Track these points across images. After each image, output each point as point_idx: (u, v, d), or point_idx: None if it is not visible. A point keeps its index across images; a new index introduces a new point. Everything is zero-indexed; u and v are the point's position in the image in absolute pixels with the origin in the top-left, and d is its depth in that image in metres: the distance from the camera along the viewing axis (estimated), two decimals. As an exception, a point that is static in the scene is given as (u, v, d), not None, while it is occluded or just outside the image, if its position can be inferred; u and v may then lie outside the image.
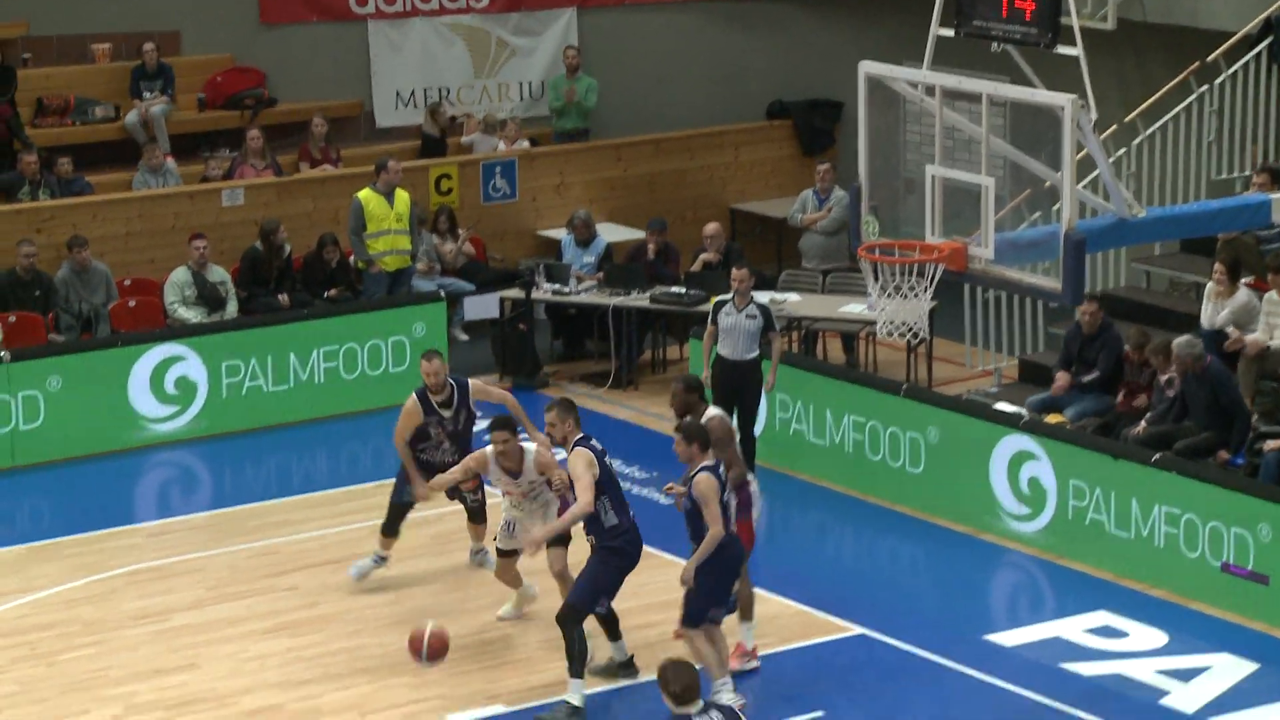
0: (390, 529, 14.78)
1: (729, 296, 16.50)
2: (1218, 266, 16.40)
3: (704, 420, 13.31)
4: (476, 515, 14.77)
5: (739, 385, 16.45)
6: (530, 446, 13.72)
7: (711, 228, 20.15)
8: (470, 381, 14.61)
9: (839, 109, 23.01)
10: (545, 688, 13.19)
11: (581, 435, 13.11)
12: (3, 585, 15.00)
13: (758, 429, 16.74)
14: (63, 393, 17.58)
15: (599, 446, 13.06)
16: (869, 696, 12.96)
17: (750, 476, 13.67)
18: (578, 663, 12.77)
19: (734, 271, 16.62)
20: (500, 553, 14.06)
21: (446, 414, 14.37)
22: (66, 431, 17.54)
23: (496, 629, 14.14)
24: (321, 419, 18.43)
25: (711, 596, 12.68)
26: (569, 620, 12.80)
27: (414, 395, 14.41)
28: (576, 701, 12.71)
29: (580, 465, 12.89)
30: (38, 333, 18.74)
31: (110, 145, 21.25)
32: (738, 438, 16.07)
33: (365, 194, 19.53)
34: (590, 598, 12.90)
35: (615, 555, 12.94)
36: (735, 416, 16.48)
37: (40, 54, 21.52)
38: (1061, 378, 16.61)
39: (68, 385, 17.61)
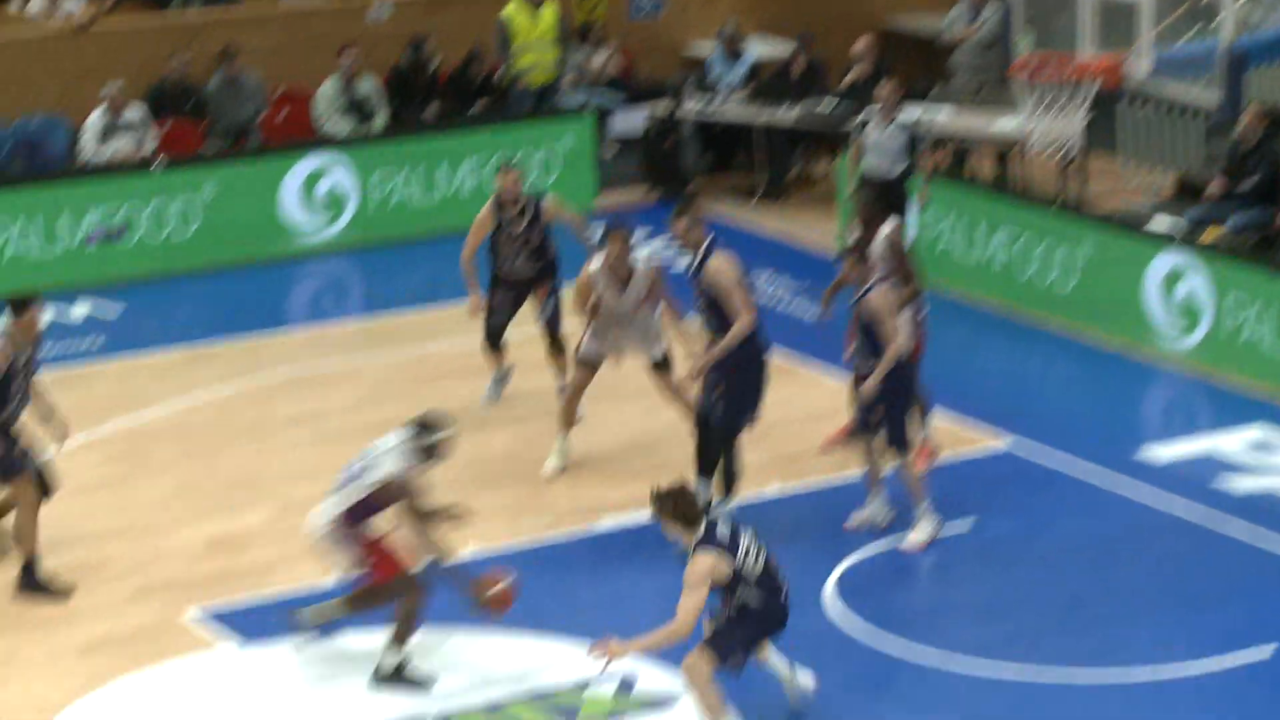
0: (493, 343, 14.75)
1: (875, 111, 16.30)
2: None
3: (885, 230, 12.99)
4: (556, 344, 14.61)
5: (887, 200, 16.27)
6: (641, 258, 13.49)
7: (862, 43, 19.90)
8: (545, 200, 14.58)
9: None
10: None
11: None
12: (162, 388, 15.25)
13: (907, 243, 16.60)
14: (216, 201, 17.75)
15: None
16: (1018, 508, 12.94)
17: None
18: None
19: (882, 84, 16.42)
20: (580, 363, 13.65)
21: (520, 225, 14.35)
22: (220, 239, 17.74)
23: (649, 438, 14.17)
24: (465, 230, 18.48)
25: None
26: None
27: (489, 203, 14.45)
28: None
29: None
30: (192, 141, 18.89)
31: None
32: None
33: (513, 8, 19.42)
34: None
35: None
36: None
37: None
38: (1218, 183, 16.26)
39: (220, 194, 17.77)
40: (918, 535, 12.50)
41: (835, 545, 12.53)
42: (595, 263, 13.40)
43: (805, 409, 14.52)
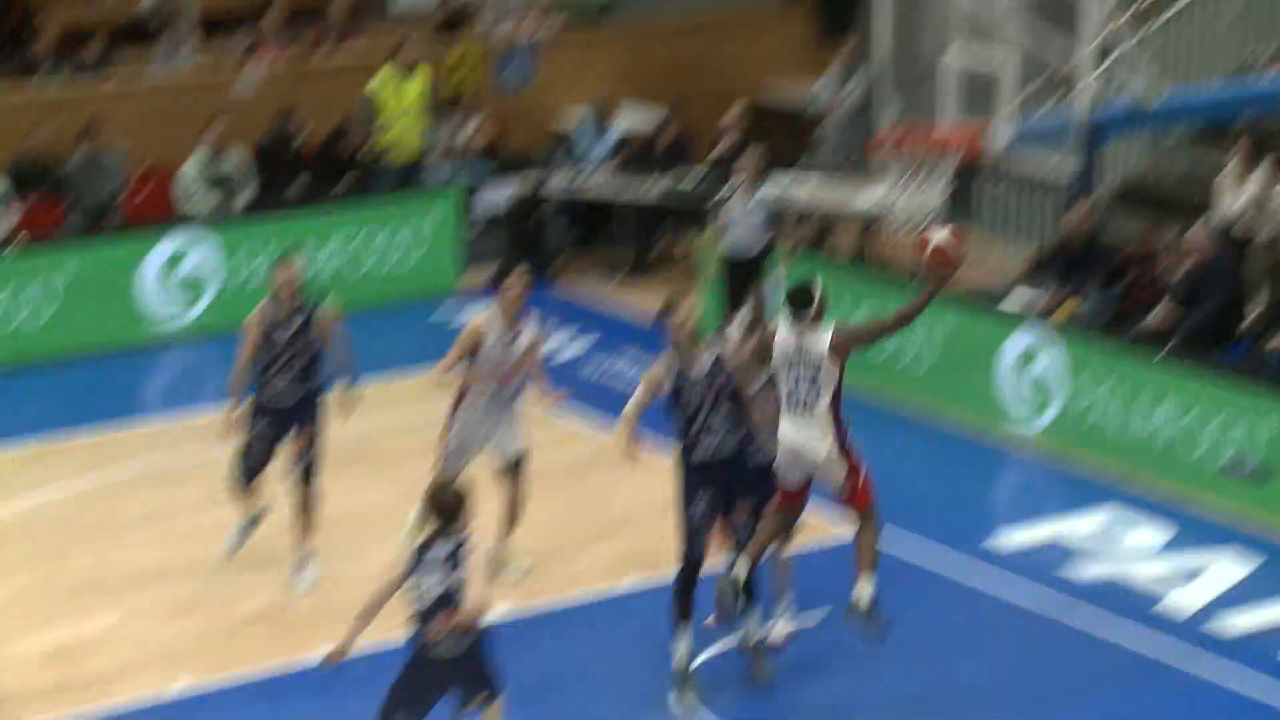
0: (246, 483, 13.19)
1: (734, 188, 16.29)
2: (1239, 150, 16.10)
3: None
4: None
5: (747, 279, 16.25)
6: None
7: (730, 115, 19.91)
8: (321, 308, 12.97)
9: (860, -9, 22.64)
10: (549, 590, 13.12)
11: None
12: (11, 484, 14.99)
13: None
14: (73, 285, 17.52)
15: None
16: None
17: None
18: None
19: (739, 161, 16.44)
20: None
21: (287, 332, 12.76)
22: (75, 325, 17.49)
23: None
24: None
25: None
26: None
27: (262, 301, 13.00)
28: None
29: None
30: (51, 221, 18.64)
31: (126, 29, 21.03)
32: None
33: (379, 81, 19.30)
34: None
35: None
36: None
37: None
38: (1049, 292, 16.27)
39: (77, 278, 17.54)
40: (783, 628, 12.37)
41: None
42: (487, 311, 12.79)
43: (666, 498, 14.39)
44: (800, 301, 10.89)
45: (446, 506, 10.11)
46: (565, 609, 12.95)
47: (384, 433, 15.74)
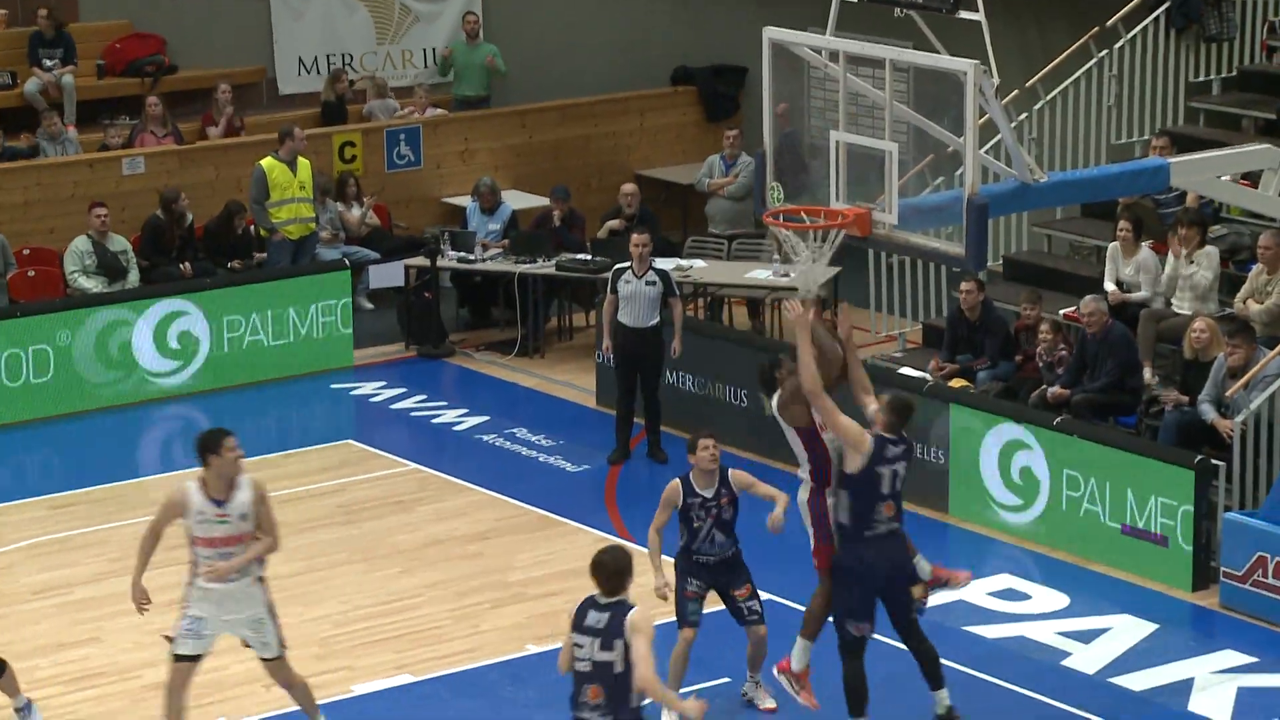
0: None
1: (628, 265, 16.44)
2: (1123, 224, 16.47)
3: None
4: None
5: (641, 352, 16.41)
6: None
7: (628, 188, 20.12)
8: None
9: (743, 74, 22.96)
10: (454, 656, 13.14)
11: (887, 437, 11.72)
12: (-96, 559, 14.82)
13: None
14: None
15: (891, 453, 11.66)
16: (770, 661, 12.92)
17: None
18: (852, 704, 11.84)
19: (634, 237, 16.58)
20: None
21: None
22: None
23: (408, 600, 14.04)
24: (227, 388, 18.28)
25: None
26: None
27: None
28: None
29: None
30: (-64, 303, 18.52)
31: (7, 113, 20.96)
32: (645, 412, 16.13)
33: (268, 162, 19.33)
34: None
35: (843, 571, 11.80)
36: (639, 383, 16.46)
37: (-67, 22, 21.26)
38: (936, 365, 16.49)
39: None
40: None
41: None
42: (193, 485, 11.31)
43: (562, 566, 14.46)
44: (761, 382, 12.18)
45: (603, 571, 9.87)
46: (472, 669, 12.95)
47: (281, 504, 15.65)
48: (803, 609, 12.21)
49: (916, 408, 12.07)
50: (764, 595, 12.40)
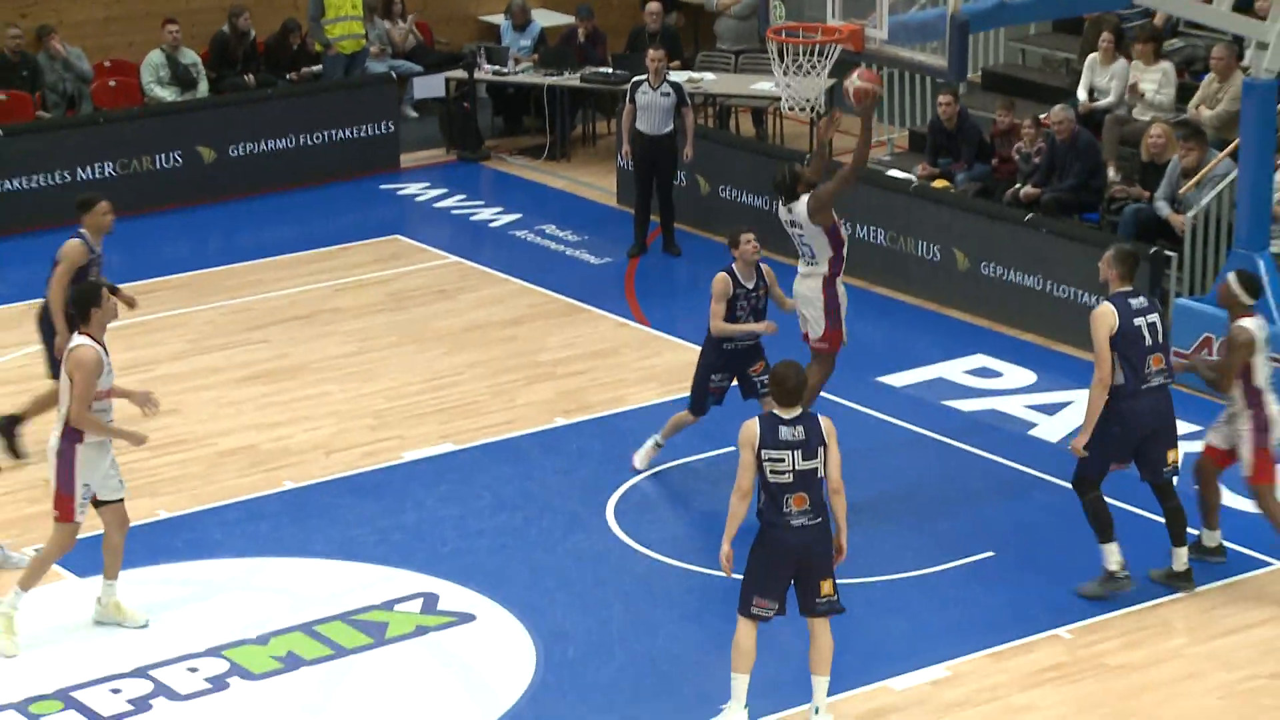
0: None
1: (645, 77, 16.27)
2: (1105, 35, 16.23)
3: (1237, 329, 10.92)
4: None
5: (656, 157, 16.31)
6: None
7: (653, 5, 19.80)
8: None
9: (751, -100, 22.50)
10: (492, 427, 13.23)
11: (1123, 290, 10.73)
12: (3, 339, 14.86)
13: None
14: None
15: (1136, 304, 10.70)
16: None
17: (1271, 396, 11.08)
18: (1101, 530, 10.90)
19: (650, 52, 16.39)
20: None
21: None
22: (54, 200, 17.28)
23: (450, 378, 14.11)
24: (288, 188, 18.24)
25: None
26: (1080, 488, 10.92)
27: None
28: (1113, 567, 10.89)
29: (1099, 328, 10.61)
30: (26, 110, 18.35)
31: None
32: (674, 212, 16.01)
33: (325, -20, 19.09)
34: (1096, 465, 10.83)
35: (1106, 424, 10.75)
36: (654, 185, 16.38)
37: None
38: (924, 169, 16.40)
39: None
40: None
41: (613, 473, 12.53)
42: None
43: (587, 348, 14.51)
44: (779, 189, 11.99)
45: (786, 386, 9.20)
46: (507, 439, 13.04)
47: (338, 293, 15.75)
48: None
49: (1140, 255, 11.00)
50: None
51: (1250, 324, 10.94)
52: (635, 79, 16.45)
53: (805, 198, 11.84)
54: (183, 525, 11.88)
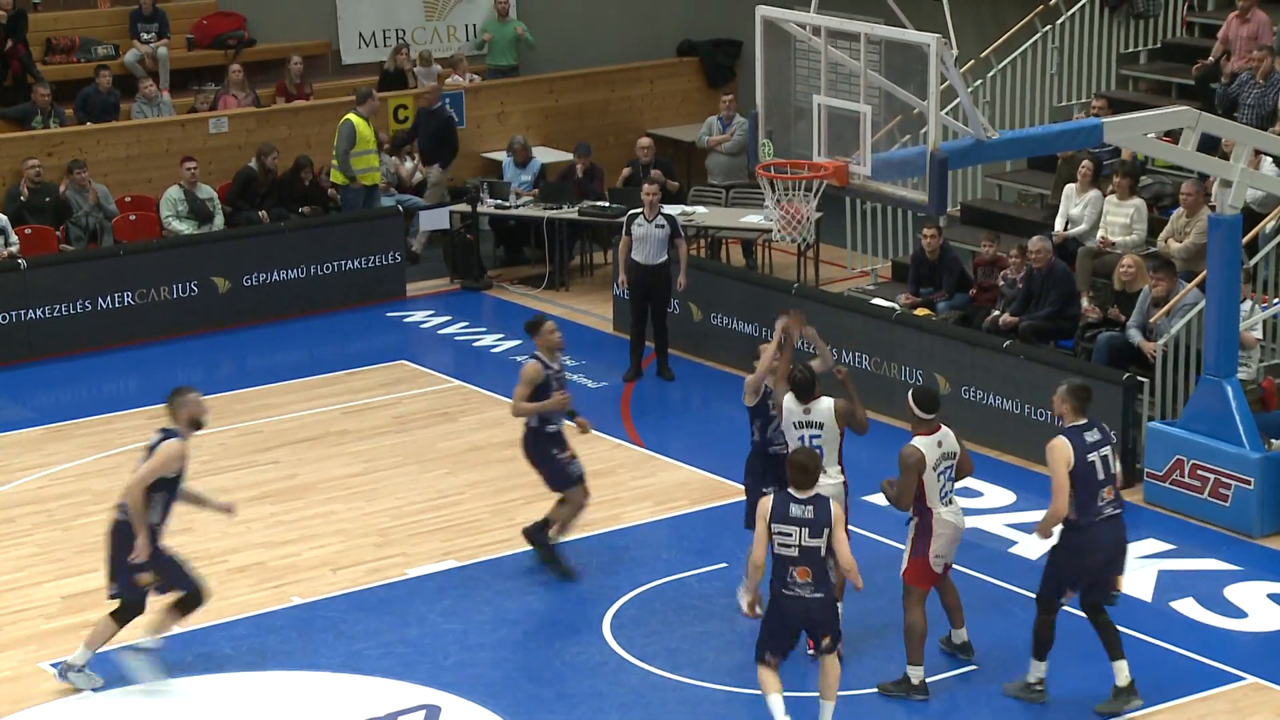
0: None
1: (640, 210, 16.37)
2: (1085, 163, 16.38)
3: (907, 449, 10.97)
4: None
5: (651, 285, 16.37)
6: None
7: (644, 141, 19.98)
8: None
9: (739, 47, 22.80)
10: (493, 545, 13.17)
11: (1076, 424, 10.65)
12: (24, 461, 14.84)
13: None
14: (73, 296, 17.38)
15: (1090, 439, 10.66)
16: (766, 548, 12.98)
17: (945, 510, 11.06)
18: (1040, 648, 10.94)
19: (645, 187, 16.51)
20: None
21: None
22: (75, 328, 17.34)
23: (453, 497, 14.07)
24: (299, 316, 18.29)
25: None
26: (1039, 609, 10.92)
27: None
28: (1033, 680, 10.96)
29: (1056, 456, 10.56)
30: (50, 243, 18.44)
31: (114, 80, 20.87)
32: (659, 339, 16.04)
33: (356, 119, 19.19)
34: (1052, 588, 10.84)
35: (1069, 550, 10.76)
36: (649, 312, 16.43)
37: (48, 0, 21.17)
38: (907, 297, 16.46)
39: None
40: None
41: (609, 587, 12.47)
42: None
43: (585, 468, 14.42)
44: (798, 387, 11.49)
45: (803, 469, 10.10)
46: (508, 555, 12.98)
47: (345, 415, 15.74)
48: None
49: (1091, 390, 10.90)
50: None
51: (921, 443, 10.90)
52: (631, 212, 16.56)
53: (831, 401, 11.39)
54: (194, 640, 11.79)
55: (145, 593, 10.95)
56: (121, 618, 11.06)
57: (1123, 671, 10.91)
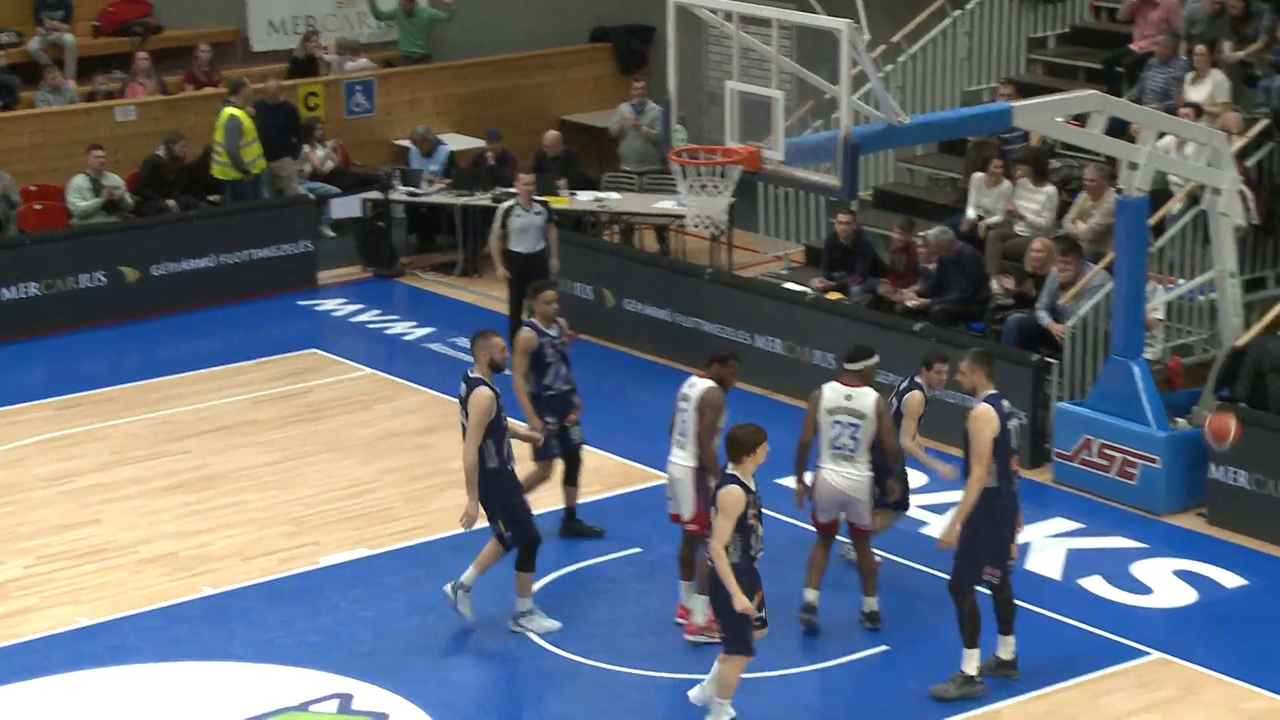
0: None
1: (513, 202, 16.31)
2: (995, 162, 16.52)
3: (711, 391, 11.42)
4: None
5: (532, 273, 16.23)
6: None
7: (550, 136, 19.98)
8: None
9: (652, 33, 22.84)
10: (406, 532, 13.16)
11: (993, 392, 10.79)
12: (-70, 454, 14.70)
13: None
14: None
15: (1006, 407, 10.80)
16: (677, 535, 13.01)
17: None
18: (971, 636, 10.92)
19: (521, 177, 16.49)
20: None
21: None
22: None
23: (366, 486, 14.04)
24: (210, 305, 18.17)
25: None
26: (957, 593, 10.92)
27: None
28: (972, 671, 10.96)
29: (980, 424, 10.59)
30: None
31: (11, 68, 20.63)
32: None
33: (238, 111, 19.06)
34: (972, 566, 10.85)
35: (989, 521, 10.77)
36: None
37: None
38: (820, 282, 16.60)
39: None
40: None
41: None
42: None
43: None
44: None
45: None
46: (420, 543, 12.97)
47: (257, 405, 15.67)
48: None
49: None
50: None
51: (828, 387, 11.54)
52: (504, 205, 16.49)
53: (876, 395, 11.45)
54: (103, 632, 11.71)
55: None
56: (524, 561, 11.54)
57: (1008, 646, 11.04)
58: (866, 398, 11.43)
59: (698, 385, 11.58)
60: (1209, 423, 12.71)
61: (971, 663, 10.89)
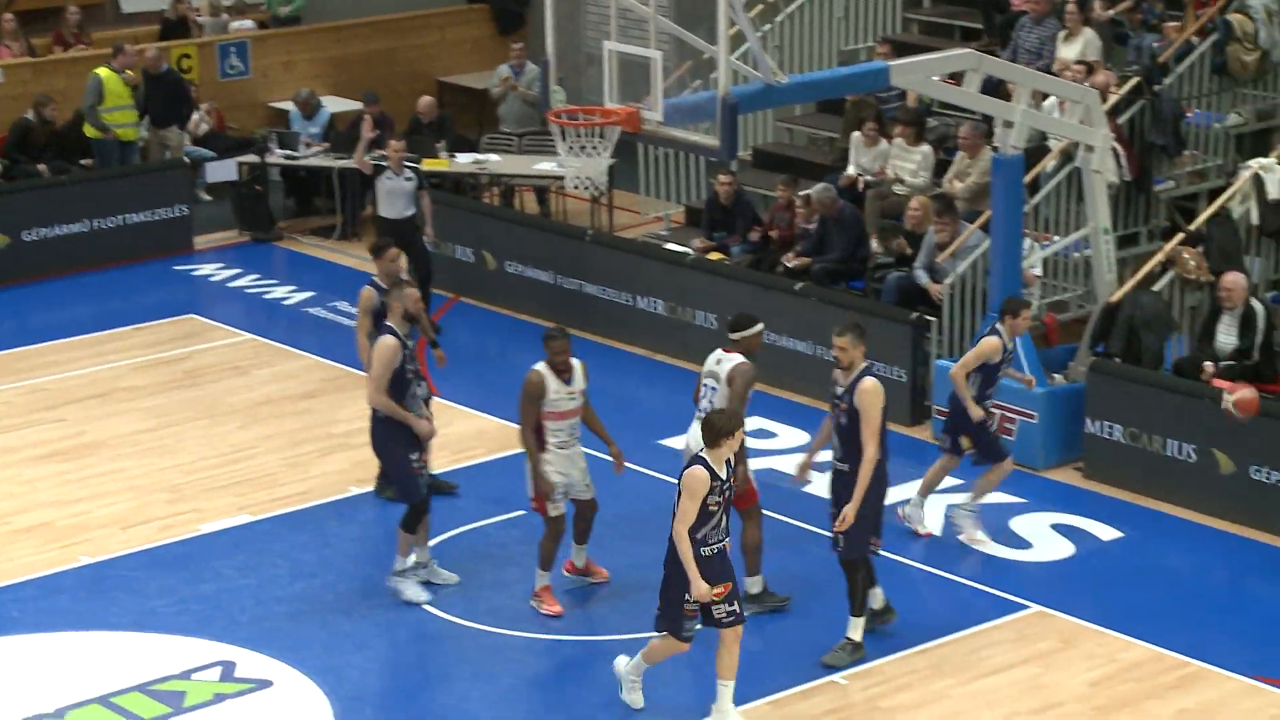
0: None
1: (385, 165, 16.15)
2: (869, 124, 16.60)
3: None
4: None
5: (406, 240, 16.12)
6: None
7: (424, 102, 19.83)
8: None
9: (529, -7, 22.77)
10: (288, 498, 13.07)
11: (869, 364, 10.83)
12: None
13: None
14: None
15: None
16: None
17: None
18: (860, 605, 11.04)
19: (391, 143, 16.32)
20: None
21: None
22: None
23: (246, 451, 13.91)
24: (83, 271, 17.89)
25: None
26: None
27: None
28: (858, 638, 11.07)
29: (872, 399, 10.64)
30: None
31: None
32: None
33: (105, 72, 18.75)
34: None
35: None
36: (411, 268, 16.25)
37: None
38: (701, 242, 16.63)
39: None
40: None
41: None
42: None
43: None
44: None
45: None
46: (303, 509, 12.89)
47: (134, 371, 15.47)
48: None
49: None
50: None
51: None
52: (376, 167, 16.31)
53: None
54: (-17, 601, 11.55)
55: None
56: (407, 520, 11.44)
57: (878, 596, 11.23)
58: (727, 363, 11.38)
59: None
60: (1236, 401, 12.55)
61: (858, 629, 11.04)
